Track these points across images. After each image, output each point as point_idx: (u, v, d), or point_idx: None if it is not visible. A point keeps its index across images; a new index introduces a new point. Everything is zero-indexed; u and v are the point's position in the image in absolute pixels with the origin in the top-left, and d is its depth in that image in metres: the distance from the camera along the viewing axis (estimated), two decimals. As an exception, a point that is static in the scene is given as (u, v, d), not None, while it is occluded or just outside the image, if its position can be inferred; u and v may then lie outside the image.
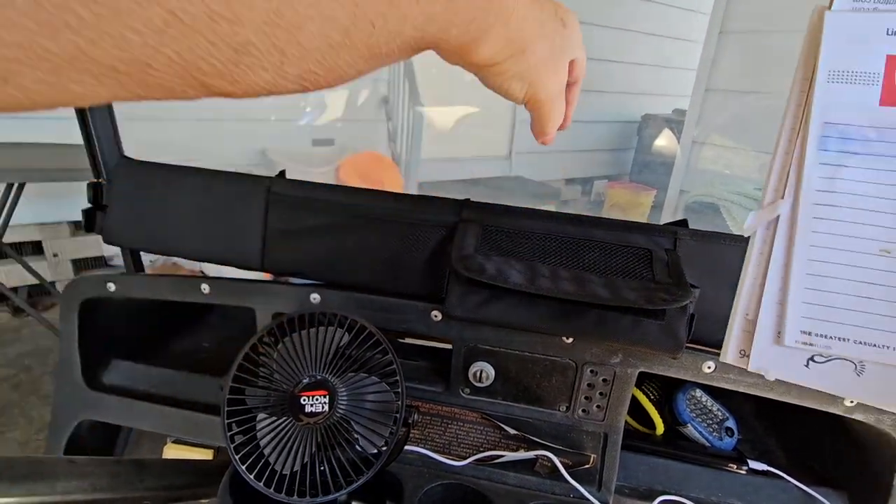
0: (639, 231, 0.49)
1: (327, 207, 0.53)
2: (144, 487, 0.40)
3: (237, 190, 0.55)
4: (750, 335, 0.36)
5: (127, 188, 0.59)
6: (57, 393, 0.60)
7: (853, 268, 0.32)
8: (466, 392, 0.52)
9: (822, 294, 0.33)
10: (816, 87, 0.30)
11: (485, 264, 0.45)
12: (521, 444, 0.51)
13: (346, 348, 0.42)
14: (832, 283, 0.33)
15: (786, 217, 0.33)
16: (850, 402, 0.45)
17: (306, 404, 0.39)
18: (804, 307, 0.34)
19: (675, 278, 0.44)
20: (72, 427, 0.60)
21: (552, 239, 0.49)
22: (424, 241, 0.51)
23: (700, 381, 0.47)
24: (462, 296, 0.45)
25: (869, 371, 0.33)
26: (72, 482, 0.34)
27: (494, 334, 0.49)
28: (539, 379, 0.50)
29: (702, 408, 0.58)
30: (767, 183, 0.34)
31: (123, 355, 0.64)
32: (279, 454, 0.39)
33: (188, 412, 0.57)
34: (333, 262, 0.53)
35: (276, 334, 0.43)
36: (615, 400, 0.49)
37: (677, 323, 0.42)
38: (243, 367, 0.42)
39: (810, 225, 0.33)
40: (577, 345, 0.48)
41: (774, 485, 0.51)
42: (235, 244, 0.55)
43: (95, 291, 0.57)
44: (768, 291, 0.35)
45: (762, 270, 0.35)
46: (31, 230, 1.99)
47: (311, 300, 0.52)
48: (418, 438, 0.53)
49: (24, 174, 1.52)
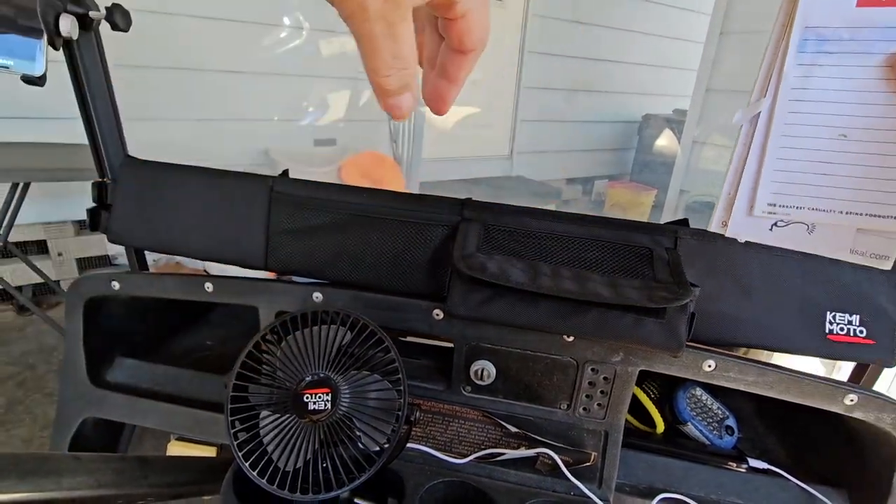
0: (639, 230, 0.49)
1: (330, 206, 0.53)
2: (148, 484, 0.40)
3: (240, 189, 0.56)
4: (730, 209, 0.47)
5: (131, 188, 0.60)
6: (61, 390, 0.61)
7: (815, 150, 0.41)
8: (468, 390, 0.52)
9: (787, 173, 0.43)
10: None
11: (486, 263, 0.46)
12: (522, 442, 0.51)
13: (349, 346, 0.42)
14: (796, 164, 0.42)
15: (766, 112, 0.42)
16: (849, 400, 0.45)
17: (309, 402, 0.40)
18: (772, 185, 0.44)
19: (675, 277, 0.45)
20: (76, 424, 0.60)
21: (553, 238, 0.49)
22: (426, 239, 0.52)
23: (700, 379, 0.48)
24: (464, 294, 0.46)
25: (817, 231, 0.45)
26: (77, 478, 0.34)
27: (496, 333, 0.50)
28: (540, 377, 0.50)
29: (702, 406, 0.58)
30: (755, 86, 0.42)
31: (127, 353, 0.65)
32: (282, 451, 0.40)
33: (192, 409, 0.58)
34: (336, 260, 0.53)
35: (279, 332, 0.43)
36: (616, 398, 0.49)
37: (678, 322, 0.42)
38: (246, 365, 0.43)
39: (785, 118, 0.41)
40: (578, 343, 0.48)
41: (774, 483, 0.51)
42: (238, 243, 0.56)
43: (100, 290, 0.58)
44: (746, 173, 0.45)
45: (743, 157, 0.45)
46: (36, 229, 2.00)
47: (313, 299, 0.52)
48: (420, 436, 0.53)
49: (28, 174, 1.52)
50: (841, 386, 0.45)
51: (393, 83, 0.25)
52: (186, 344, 0.71)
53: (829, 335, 0.47)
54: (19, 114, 1.83)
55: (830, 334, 0.46)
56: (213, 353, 0.70)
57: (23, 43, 0.47)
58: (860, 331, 0.46)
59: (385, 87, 0.25)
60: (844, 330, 0.46)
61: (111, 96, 0.62)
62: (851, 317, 0.47)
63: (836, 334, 0.46)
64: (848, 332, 0.46)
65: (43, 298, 2.10)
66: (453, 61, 0.27)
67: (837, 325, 0.46)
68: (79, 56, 0.57)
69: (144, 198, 0.59)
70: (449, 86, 0.28)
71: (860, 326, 0.46)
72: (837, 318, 0.47)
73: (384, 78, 0.25)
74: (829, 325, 0.47)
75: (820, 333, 0.47)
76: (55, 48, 0.51)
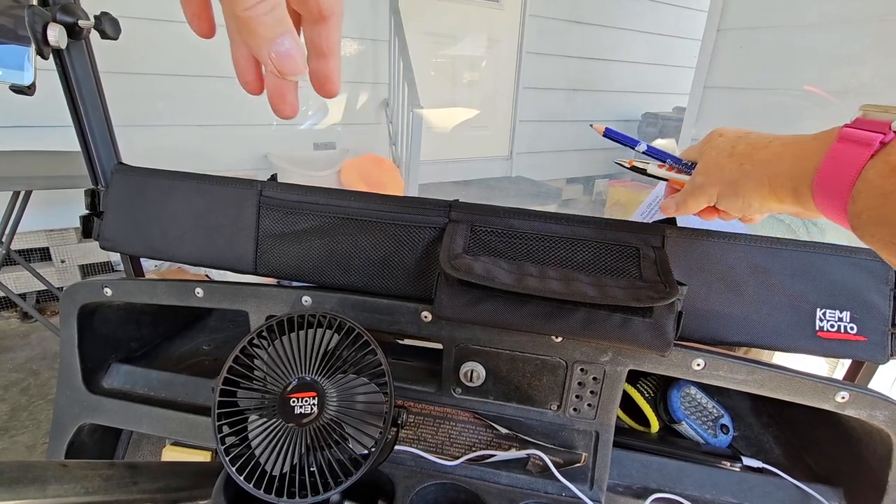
0: (627, 229, 0.49)
1: (318, 210, 0.53)
2: (138, 490, 0.40)
3: (229, 194, 0.56)
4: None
5: (122, 194, 0.60)
6: (57, 397, 0.61)
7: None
8: (458, 392, 0.52)
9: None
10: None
11: (473, 264, 0.46)
12: (513, 444, 0.51)
13: (336, 349, 0.42)
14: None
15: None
16: (840, 397, 0.45)
17: (295, 406, 0.40)
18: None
19: (662, 276, 0.44)
20: (72, 431, 0.60)
21: (540, 238, 0.49)
22: (414, 242, 0.52)
23: (689, 378, 0.47)
24: (451, 296, 0.46)
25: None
26: (63, 486, 0.34)
27: (484, 334, 0.50)
28: (530, 378, 0.50)
29: (696, 405, 0.58)
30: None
31: (123, 359, 0.65)
32: (269, 455, 0.40)
33: (186, 414, 0.58)
34: (325, 264, 0.54)
35: (266, 336, 0.43)
36: (606, 398, 0.49)
37: (665, 320, 0.42)
38: (234, 370, 0.43)
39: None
40: (566, 344, 0.48)
41: (769, 482, 0.51)
42: (229, 248, 0.56)
43: (93, 297, 0.58)
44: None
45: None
46: (39, 237, 2.02)
47: (302, 302, 0.52)
48: (411, 438, 0.53)
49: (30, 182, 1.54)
50: (832, 383, 0.45)
51: (265, 17, 0.21)
52: (181, 349, 0.72)
53: (819, 332, 0.46)
54: (19, 123, 1.85)
55: (821, 331, 0.46)
56: (207, 358, 0.70)
57: (11, 52, 0.48)
58: (851, 327, 0.46)
59: (256, 25, 0.22)
60: (835, 327, 0.46)
61: (103, 104, 0.62)
62: (842, 313, 0.46)
63: (826, 331, 0.46)
64: (838, 329, 0.46)
65: (46, 305, 2.11)
66: (319, 33, 0.25)
67: (828, 321, 0.46)
68: (69, 65, 0.57)
69: (135, 204, 0.59)
70: (327, 61, 0.26)
71: (851, 323, 0.46)
72: (828, 314, 0.46)
73: (251, 9, 0.21)
74: (819, 322, 0.46)
75: (810, 330, 0.46)
76: (44, 57, 0.51)
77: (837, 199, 0.31)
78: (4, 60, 0.48)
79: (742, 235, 0.48)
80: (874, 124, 0.30)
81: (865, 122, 0.31)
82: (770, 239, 0.47)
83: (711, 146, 0.42)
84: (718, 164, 0.41)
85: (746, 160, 0.38)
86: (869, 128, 0.30)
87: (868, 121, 0.30)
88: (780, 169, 0.35)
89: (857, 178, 0.29)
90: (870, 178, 0.29)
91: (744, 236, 0.48)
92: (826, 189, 0.32)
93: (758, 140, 0.39)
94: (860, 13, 1.69)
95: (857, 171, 0.29)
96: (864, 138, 0.30)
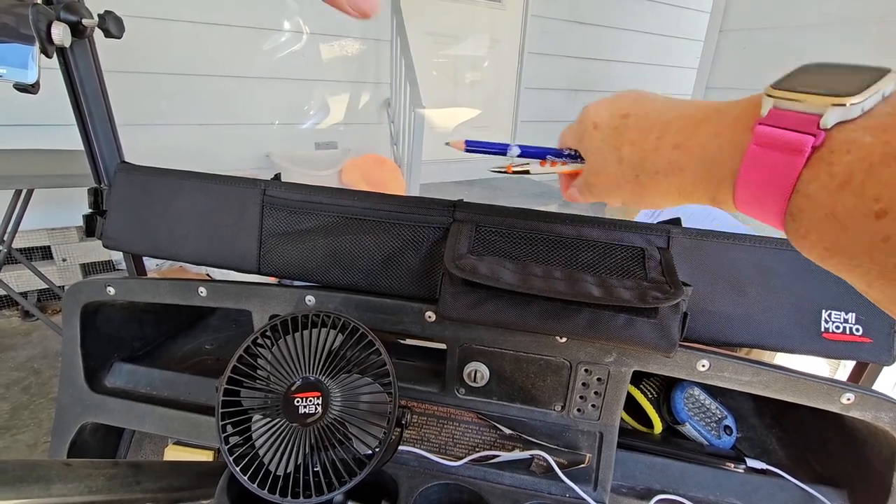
0: (632, 230, 0.49)
1: (321, 210, 0.53)
2: (141, 489, 0.40)
3: (233, 193, 0.56)
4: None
5: (126, 193, 0.60)
6: (60, 396, 0.61)
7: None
8: (462, 392, 0.52)
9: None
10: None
11: (477, 264, 0.45)
12: (517, 444, 0.51)
13: (340, 349, 0.42)
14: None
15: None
16: (846, 399, 0.45)
17: (299, 406, 0.40)
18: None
19: (668, 277, 0.44)
20: (75, 430, 0.60)
21: (545, 239, 0.49)
22: (418, 242, 0.51)
23: (694, 379, 0.47)
24: (455, 296, 0.45)
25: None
26: (67, 485, 0.34)
27: (488, 334, 0.49)
28: (534, 378, 0.50)
29: (700, 406, 0.58)
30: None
31: (125, 358, 0.65)
32: (273, 455, 0.40)
33: (189, 414, 0.58)
34: (328, 263, 0.53)
35: (270, 336, 0.43)
36: (610, 399, 0.49)
37: (670, 321, 0.42)
38: (237, 369, 0.43)
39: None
40: (570, 344, 0.48)
41: (773, 483, 0.51)
42: (232, 247, 0.56)
43: (95, 295, 0.58)
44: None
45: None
46: (40, 235, 2.02)
47: (306, 302, 0.52)
48: (414, 439, 0.53)
49: (31, 180, 1.54)
50: (837, 385, 0.45)
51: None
52: (184, 348, 0.72)
53: (824, 333, 0.46)
54: (21, 121, 1.85)
55: (826, 332, 0.46)
56: (210, 358, 0.70)
57: (15, 51, 0.48)
58: (856, 329, 0.46)
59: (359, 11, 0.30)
60: (840, 328, 0.46)
61: (106, 103, 0.62)
62: (847, 315, 0.46)
63: (831, 332, 0.46)
64: (844, 331, 0.46)
65: (48, 304, 2.11)
66: None
67: (833, 323, 0.46)
68: (73, 63, 0.57)
69: (138, 203, 0.59)
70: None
71: (856, 324, 0.46)
72: (833, 316, 0.46)
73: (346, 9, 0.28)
74: (824, 324, 0.46)
75: (815, 332, 0.46)
76: (48, 56, 0.51)
77: (769, 212, 0.26)
78: (8, 59, 0.48)
79: (747, 236, 0.47)
80: (795, 120, 0.23)
81: (783, 116, 0.24)
82: (776, 240, 0.47)
83: (591, 144, 0.36)
84: (609, 174, 0.35)
85: (641, 171, 0.32)
86: (791, 125, 0.24)
87: (786, 114, 0.24)
88: (687, 179, 0.30)
89: (791, 192, 0.24)
90: (812, 193, 0.23)
91: (749, 237, 0.47)
92: (753, 202, 0.26)
93: (642, 137, 0.32)
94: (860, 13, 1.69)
95: (791, 185, 0.24)
96: (791, 142, 0.23)
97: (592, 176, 0.37)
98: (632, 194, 0.34)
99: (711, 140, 0.28)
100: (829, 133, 0.23)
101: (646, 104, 0.34)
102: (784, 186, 0.24)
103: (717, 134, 0.28)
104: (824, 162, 0.22)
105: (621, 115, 0.34)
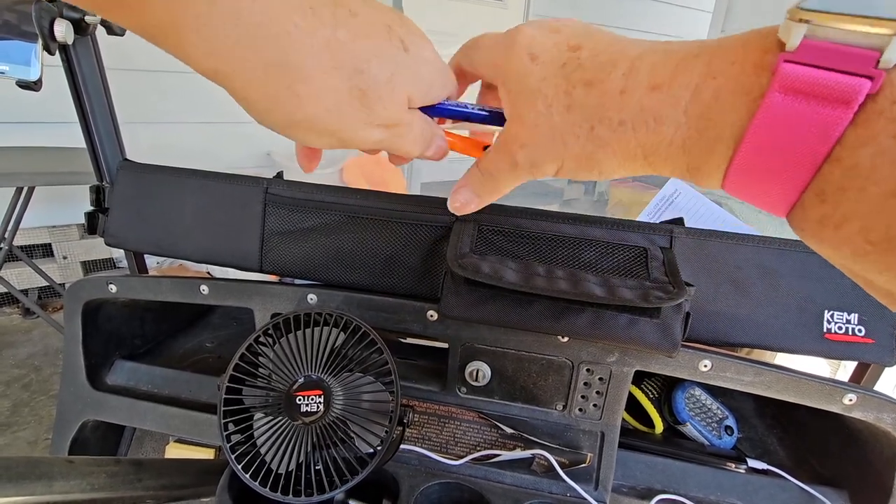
0: (634, 229, 0.49)
1: (324, 208, 0.53)
2: (143, 487, 0.40)
3: (235, 191, 0.56)
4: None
5: (128, 191, 0.60)
6: (61, 393, 0.61)
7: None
8: (463, 391, 0.52)
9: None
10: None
11: (480, 263, 0.45)
12: (518, 444, 0.51)
13: (342, 348, 0.42)
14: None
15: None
16: (848, 400, 0.45)
17: (301, 404, 0.40)
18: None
19: (670, 276, 0.44)
20: (76, 427, 0.60)
21: (548, 238, 0.49)
22: (421, 240, 0.51)
23: (696, 379, 0.47)
24: (457, 295, 0.45)
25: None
26: (70, 482, 0.34)
27: (490, 333, 0.49)
28: (535, 378, 0.50)
29: (701, 406, 0.58)
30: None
31: (127, 356, 0.65)
32: (275, 453, 0.40)
33: (190, 412, 0.58)
34: (330, 262, 0.53)
35: (272, 334, 0.43)
36: (612, 398, 0.49)
37: (673, 321, 0.42)
38: (239, 367, 0.43)
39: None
40: (572, 344, 0.48)
41: (774, 484, 0.51)
42: (234, 246, 0.56)
43: (97, 293, 0.58)
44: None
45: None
46: (41, 233, 2.02)
47: (308, 300, 0.52)
48: (415, 437, 0.53)
49: (32, 178, 1.54)
50: (840, 385, 0.45)
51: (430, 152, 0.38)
52: (186, 346, 0.72)
53: (826, 334, 0.46)
54: (22, 118, 1.85)
55: (828, 333, 0.46)
56: (211, 356, 0.70)
57: (18, 48, 0.48)
58: (859, 330, 0.46)
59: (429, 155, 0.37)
60: (843, 329, 0.46)
61: (108, 100, 0.62)
62: (850, 315, 0.46)
63: (833, 333, 0.46)
64: (846, 331, 0.46)
65: (48, 301, 2.12)
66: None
67: (835, 323, 0.46)
68: (75, 60, 0.57)
69: (140, 201, 0.59)
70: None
71: (858, 325, 0.46)
72: (835, 316, 0.46)
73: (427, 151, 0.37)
74: (826, 324, 0.46)
75: (817, 332, 0.46)
76: (50, 53, 0.51)
77: (776, 191, 0.19)
78: (11, 56, 0.48)
79: (751, 236, 0.47)
80: (841, 55, 0.16)
81: (822, 49, 0.17)
82: (779, 240, 0.47)
83: (525, 83, 0.26)
84: (550, 127, 0.25)
85: (599, 122, 0.23)
86: (835, 64, 0.16)
87: (828, 47, 0.17)
88: (664, 136, 0.21)
89: (823, 162, 0.17)
90: (860, 162, 0.16)
91: (753, 237, 0.47)
92: (758, 176, 0.19)
93: (602, 75, 0.23)
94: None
95: (825, 151, 0.17)
96: (836, 88, 0.16)
97: (524, 130, 0.26)
98: (580, 157, 0.25)
99: (705, 83, 0.20)
100: (891, 76, 0.16)
101: (600, 36, 0.26)
102: (815, 153, 0.17)
103: (711, 73, 0.20)
104: (885, 117, 0.15)
105: (570, 47, 0.25)
